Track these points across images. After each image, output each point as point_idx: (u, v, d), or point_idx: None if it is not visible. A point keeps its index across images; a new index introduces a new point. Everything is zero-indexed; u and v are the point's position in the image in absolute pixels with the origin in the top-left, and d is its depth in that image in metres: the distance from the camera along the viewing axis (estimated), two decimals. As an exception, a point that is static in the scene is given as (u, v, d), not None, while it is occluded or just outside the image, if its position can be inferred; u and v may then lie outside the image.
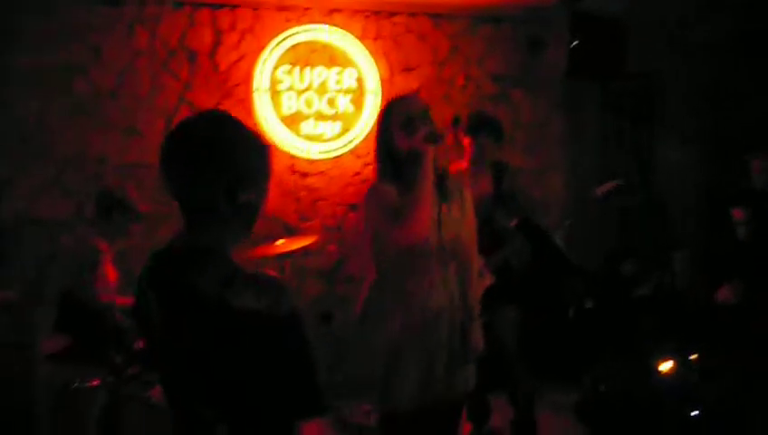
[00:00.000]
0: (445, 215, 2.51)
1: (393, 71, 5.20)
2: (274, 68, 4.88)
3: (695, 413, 3.53)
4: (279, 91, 4.91)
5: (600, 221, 5.27)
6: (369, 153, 3.80)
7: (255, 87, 4.82)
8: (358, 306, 2.67)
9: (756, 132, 4.77)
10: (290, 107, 4.93)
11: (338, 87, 5.02)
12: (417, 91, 5.12)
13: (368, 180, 4.19)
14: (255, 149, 1.55)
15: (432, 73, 5.29)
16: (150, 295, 1.52)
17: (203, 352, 1.44)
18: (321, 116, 4.99)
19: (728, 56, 5.20)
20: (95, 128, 4.63)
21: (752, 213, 4.13)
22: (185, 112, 4.63)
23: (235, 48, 4.89)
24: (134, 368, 3.23)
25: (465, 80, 5.35)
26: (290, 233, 4.81)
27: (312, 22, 4.96)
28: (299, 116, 4.95)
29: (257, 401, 1.45)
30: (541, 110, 5.54)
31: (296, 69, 4.94)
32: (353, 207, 5.11)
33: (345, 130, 5.03)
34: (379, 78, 5.06)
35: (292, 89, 4.93)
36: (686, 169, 5.35)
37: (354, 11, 5.08)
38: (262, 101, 4.83)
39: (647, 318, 4.33)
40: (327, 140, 5.01)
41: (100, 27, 4.64)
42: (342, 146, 5.02)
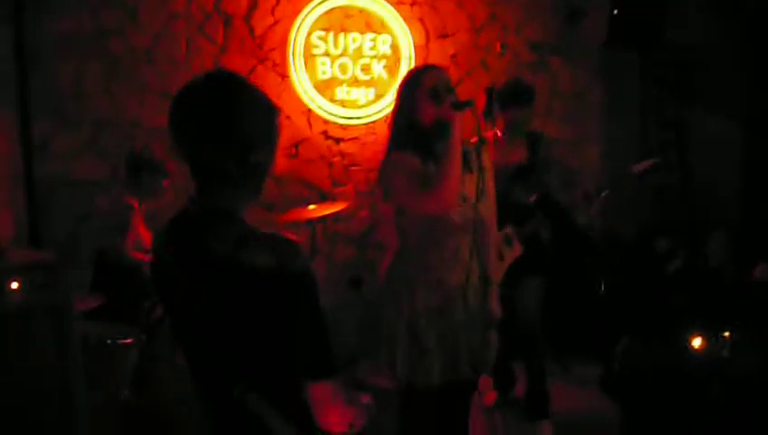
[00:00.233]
0: (468, 186, 2.48)
1: (429, 37, 5.13)
2: (309, 33, 4.85)
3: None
4: (314, 55, 4.89)
5: (636, 196, 5.18)
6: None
7: (290, 52, 4.81)
8: (381, 274, 2.67)
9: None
10: (324, 72, 4.91)
11: (373, 53, 4.97)
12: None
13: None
14: (264, 110, 1.55)
15: (468, 40, 5.21)
16: (167, 259, 1.54)
17: (219, 312, 1.46)
18: (356, 82, 4.97)
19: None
20: (130, 91, 4.66)
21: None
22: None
23: (271, 12, 4.87)
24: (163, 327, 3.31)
25: (502, 47, 5.25)
26: (323, 198, 4.84)
27: (349, -14, 4.91)
28: (333, 81, 4.94)
29: (270, 360, 1.47)
30: (579, 79, 5.43)
31: (331, 34, 4.90)
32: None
33: (379, 97, 5.00)
34: (414, 44, 5.00)
35: (326, 54, 4.91)
36: (726, 145, 5.22)
37: (391, -25, 5.01)
38: (297, 65, 4.83)
39: (678, 294, 4.28)
40: (361, 106, 4.99)
41: (136, -10, 4.66)
42: (376, 112, 5.00)
